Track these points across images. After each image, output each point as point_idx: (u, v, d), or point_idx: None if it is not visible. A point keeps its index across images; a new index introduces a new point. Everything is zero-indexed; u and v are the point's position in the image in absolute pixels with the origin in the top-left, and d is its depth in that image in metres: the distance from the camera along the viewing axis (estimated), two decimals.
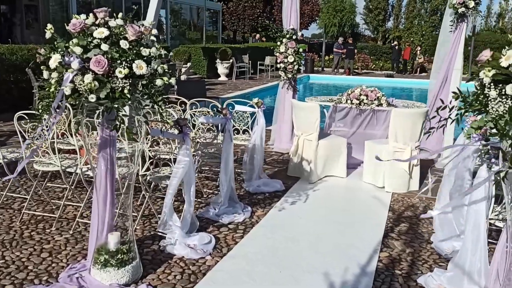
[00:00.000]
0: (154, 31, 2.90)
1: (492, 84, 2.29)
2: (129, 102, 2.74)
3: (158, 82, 2.75)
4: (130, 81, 2.67)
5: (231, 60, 18.50)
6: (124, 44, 2.66)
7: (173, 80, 2.88)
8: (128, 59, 2.64)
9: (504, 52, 2.39)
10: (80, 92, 2.62)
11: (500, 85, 2.26)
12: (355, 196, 5.16)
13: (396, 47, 24.45)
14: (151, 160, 4.02)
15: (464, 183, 3.80)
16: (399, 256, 3.66)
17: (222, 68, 18.53)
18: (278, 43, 6.65)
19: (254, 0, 30.70)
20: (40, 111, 2.84)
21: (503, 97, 2.23)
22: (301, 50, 6.61)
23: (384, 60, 26.99)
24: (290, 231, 4.10)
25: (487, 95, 2.32)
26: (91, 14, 2.77)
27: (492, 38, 28.29)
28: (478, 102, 2.38)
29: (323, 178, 5.63)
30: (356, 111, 6.00)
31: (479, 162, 2.90)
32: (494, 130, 2.38)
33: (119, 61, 2.62)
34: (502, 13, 35.94)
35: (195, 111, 5.04)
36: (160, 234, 3.84)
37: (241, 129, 5.67)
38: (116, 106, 2.66)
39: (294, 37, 6.57)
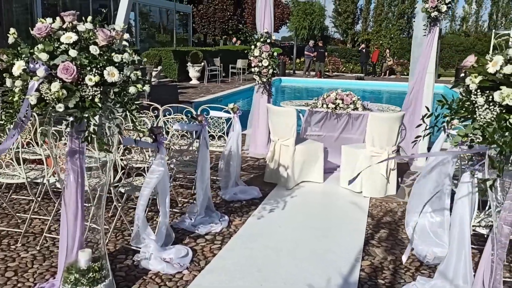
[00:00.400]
0: (126, 36, 2.74)
1: (478, 90, 2.24)
2: (100, 111, 2.57)
3: (132, 89, 2.59)
4: (101, 89, 2.50)
5: (202, 63, 18.30)
6: (94, 49, 2.49)
7: (147, 87, 2.72)
8: (98, 66, 2.48)
9: (488, 57, 2.35)
10: (47, 101, 2.44)
11: (487, 91, 2.21)
12: (333, 202, 5.09)
13: (364, 50, 24.74)
14: (123, 171, 3.84)
15: (444, 189, 3.78)
16: (381, 265, 3.60)
17: (193, 71, 18.30)
18: (252, 47, 6.54)
19: (225, 3, 30.54)
20: (3, 121, 2.64)
21: (491, 104, 2.18)
22: (275, 54, 6.52)
23: (354, 63, 27.30)
24: (269, 240, 3.99)
25: (474, 101, 2.27)
26: (58, 18, 2.59)
27: (457, 41, 29.03)
28: (464, 109, 2.33)
29: (300, 184, 5.55)
30: (332, 115, 5.95)
31: (462, 167, 2.87)
32: (472, 136, 2.34)
33: (89, 68, 2.45)
34: (465, 16, 36.95)
35: (169, 118, 4.87)
36: (133, 248, 3.66)
37: (216, 135, 5.53)
38: (86, 115, 2.49)
39: (268, 40, 6.48)
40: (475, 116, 2.25)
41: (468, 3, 36.38)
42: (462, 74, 2.41)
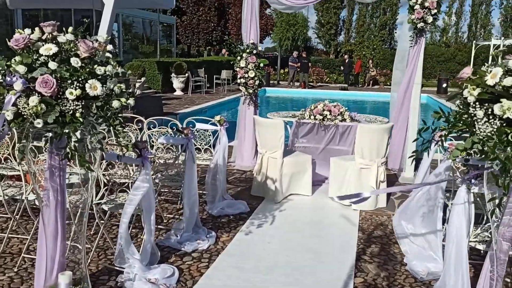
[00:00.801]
0: (109, 47, 2.62)
1: (477, 103, 2.17)
2: (82, 126, 2.43)
3: (115, 103, 2.46)
4: (83, 103, 2.37)
5: (186, 74, 18.17)
6: (75, 61, 2.36)
7: (131, 101, 2.59)
8: (80, 79, 2.35)
9: (485, 68, 2.29)
10: (25, 116, 2.29)
11: (486, 104, 2.14)
12: (322, 216, 4.98)
13: (347, 61, 24.89)
14: (106, 187, 3.68)
15: (437, 202, 3.71)
16: (375, 282, 3.49)
17: (177, 82, 18.15)
18: (238, 58, 6.45)
19: (208, 14, 30.55)
20: None
21: (491, 117, 2.10)
22: (262, 65, 6.44)
23: (337, 73, 27.46)
24: (258, 257, 3.86)
25: (473, 114, 2.19)
26: (37, 29, 2.45)
27: (438, 51, 29.42)
28: (462, 122, 2.25)
29: (288, 197, 5.44)
30: (319, 126, 5.88)
31: (459, 182, 2.79)
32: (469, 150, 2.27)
33: (69, 81, 2.32)
34: (445, 28, 37.55)
35: (154, 131, 4.73)
36: (117, 268, 3.49)
37: (202, 148, 5.39)
38: (66, 131, 2.35)
39: (254, 51, 6.40)
40: (474, 129, 2.17)
41: (448, 14, 37.00)
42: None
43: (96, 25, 4.68)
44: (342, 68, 26.07)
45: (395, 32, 37.10)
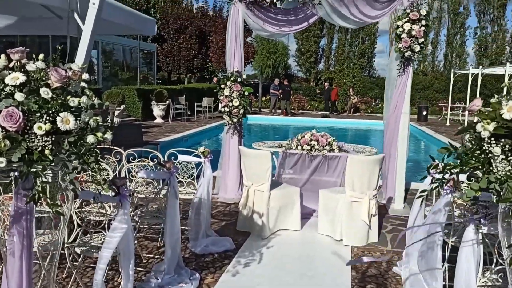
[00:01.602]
0: (85, 76, 2.36)
1: (493, 138, 1.97)
2: (52, 165, 2.15)
3: (90, 139, 2.19)
4: (53, 139, 2.10)
5: (167, 102, 17.93)
6: (45, 92, 2.10)
7: (109, 135, 2.33)
8: (50, 111, 2.08)
9: (496, 100, 2.11)
10: None
11: (503, 140, 1.95)
12: (313, 253, 4.71)
13: (326, 88, 24.95)
14: (80, 229, 3.36)
15: (437, 240, 3.49)
16: None
17: (158, 110, 17.88)
18: (222, 86, 6.25)
19: (190, 42, 30.56)
20: None
21: (509, 154, 1.91)
22: (246, 93, 6.26)
23: (318, 101, 27.59)
24: None
25: (487, 151, 2.00)
26: (2, 55, 2.19)
27: (416, 80, 29.91)
28: (475, 159, 2.05)
29: (276, 232, 5.16)
30: (307, 157, 5.67)
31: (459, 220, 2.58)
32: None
33: (38, 114, 2.06)
34: (423, 57, 38.39)
35: (134, 165, 4.43)
36: None
37: (185, 181, 5.10)
38: (34, 171, 2.07)
39: (239, 79, 6.22)
40: (490, 167, 1.97)
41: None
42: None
43: (73, 53, 4.42)
44: (322, 95, 26.19)
45: (374, 61, 37.81)
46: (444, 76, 29.71)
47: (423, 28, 5.64)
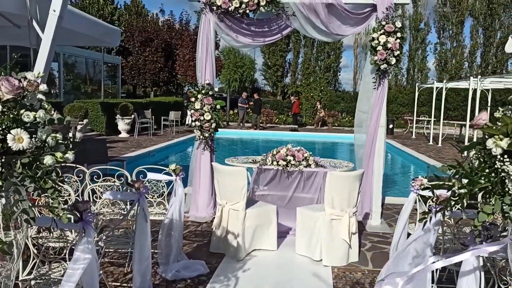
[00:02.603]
0: (43, 87, 2.05)
1: (506, 156, 1.78)
2: (2, 190, 1.82)
3: (48, 160, 1.88)
4: (3, 160, 1.78)
5: (132, 116, 17.42)
6: None
7: (70, 156, 2.02)
8: (0, 128, 1.76)
9: (500, 113, 1.93)
10: None
11: None
12: (292, 275, 4.44)
13: (293, 102, 24.93)
14: (35, 261, 2.98)
15: (426, 260, 3.29)
16: None
17: (122, 124, 17.33)
18: (193, 99, 5.96)
19: (155, 55, 30.10)
20: None
21: None
22: (218, 106, 5.99)
23: (286, 114, 27.60)
24: None
25: (499, 169, 1.80)
26: None
27: (389, 94, 30.47)
28: (485, 179, 1.86)
29: (251, 253, 4.88)
30: (283, 173, 5.44)
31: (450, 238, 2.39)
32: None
33: None
34: (396, 73, 39.17)
35: (98, 185, 4.07)
36: None
37: (155, 201, 4.76)
38: None
39: (210, 92, 5.95)
40: (505, 188, 1.78)
41: None
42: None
43: (33, 65, 4.03)
44: (289, 109, 26.18)
45: (339, 75, 38.30)
46: (407, 90, 30.31)
47: (398, 40, 5.56)
